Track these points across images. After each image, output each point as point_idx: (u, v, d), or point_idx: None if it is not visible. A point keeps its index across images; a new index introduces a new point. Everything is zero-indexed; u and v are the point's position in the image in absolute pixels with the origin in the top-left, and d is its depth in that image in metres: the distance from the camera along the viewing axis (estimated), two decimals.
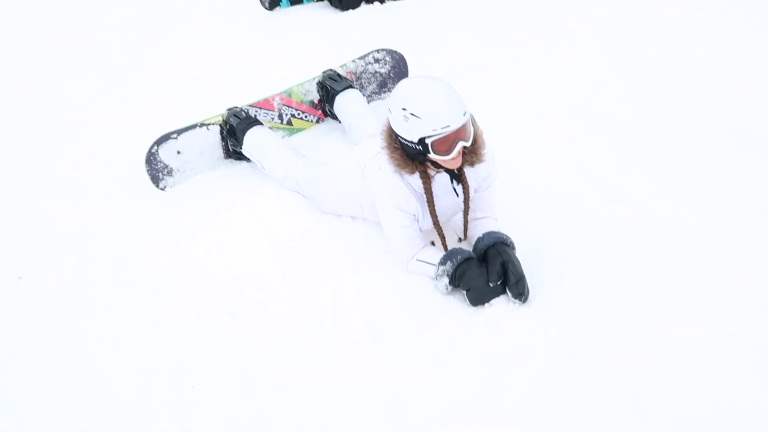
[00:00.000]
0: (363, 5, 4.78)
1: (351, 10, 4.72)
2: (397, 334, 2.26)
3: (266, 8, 4.83)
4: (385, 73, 3.52)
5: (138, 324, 2.35)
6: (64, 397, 2.13)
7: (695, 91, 3.46)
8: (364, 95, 3.40)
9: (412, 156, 2.24)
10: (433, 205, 2.36)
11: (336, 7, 4.78)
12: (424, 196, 2.36)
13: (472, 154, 2.30)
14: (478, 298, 2.32)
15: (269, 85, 3.45)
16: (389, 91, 3.58)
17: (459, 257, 2.33)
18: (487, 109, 3.30)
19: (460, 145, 2.18)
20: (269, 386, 2.12)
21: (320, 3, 4.90)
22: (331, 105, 3.27)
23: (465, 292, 2.34)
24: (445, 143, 2.15)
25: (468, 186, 2.39)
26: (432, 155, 2.19)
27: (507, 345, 2.21)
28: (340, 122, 3.29)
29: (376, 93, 3.54)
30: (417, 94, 2.15)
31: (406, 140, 2.20)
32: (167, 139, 2.95)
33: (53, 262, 2.64)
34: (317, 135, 3.31)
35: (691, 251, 2.52)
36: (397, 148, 2.25)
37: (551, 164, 2.97)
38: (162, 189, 2.98)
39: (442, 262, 2.34)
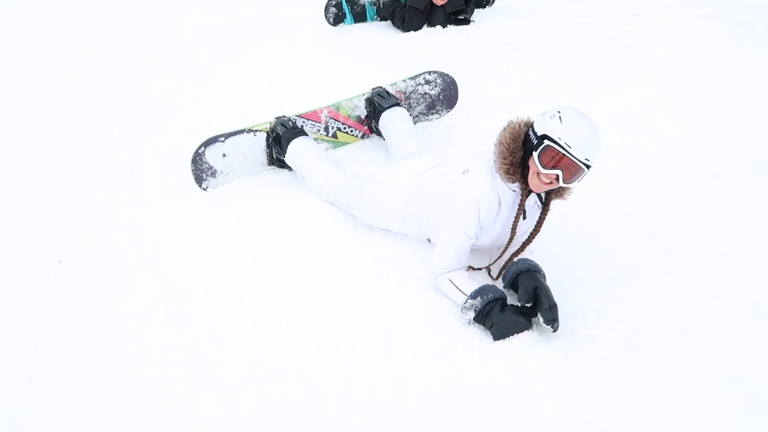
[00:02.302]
0: (425, 28, 4.84)
1: (413, 32, 4.78)
2: (411, 357, 2.23)
3: (330, 24, 4.96)
4: (435, 95, 3.53)
5: (159, 320, 2.40)
6: (79, 385, 2.19)
7: (753, 141, 3.32)
8: (411, 115, 3.42)
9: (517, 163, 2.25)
10: (519, 217, 2.35)
11: (398, 27, 4.85)
12: (506, 209, 2.34)
13: (559, 193, 2.32)
14: (502, 333, 2.26)
15: (321, 97, 3.51)
16: (437, 113, 3.59)
17: (490, 295, 2.29)
18: None
19: (558, 175, 2.15)
20: (278, 393, 2.12)
21: (383, 23, 4.99)
22: (377, 121, 3.30)
23: (489, 327, 2.30)
24: (553, 161, 2.14)
25: (547, 213, 2.36)
26: (535, 157, 2.17)
27: (522, 381, 2.13)
28: (384, 139, 3.31)
29: (423, 114, 3.55)
30: (581, 119, 2.16)
31: (532, 131, 2.20)
32: (214, 142, 3.03)
33: (93, 248, 2.75)
34: (360, 150, 3.34)
35: (729, 307, 2.39)
36: (514, 153, 2.23)
37: (590, 202, 2.88)
38: (204, 189, 3.06)
39: (473, 296, 2.30)
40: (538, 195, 2.34)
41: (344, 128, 3.35)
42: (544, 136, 2.14)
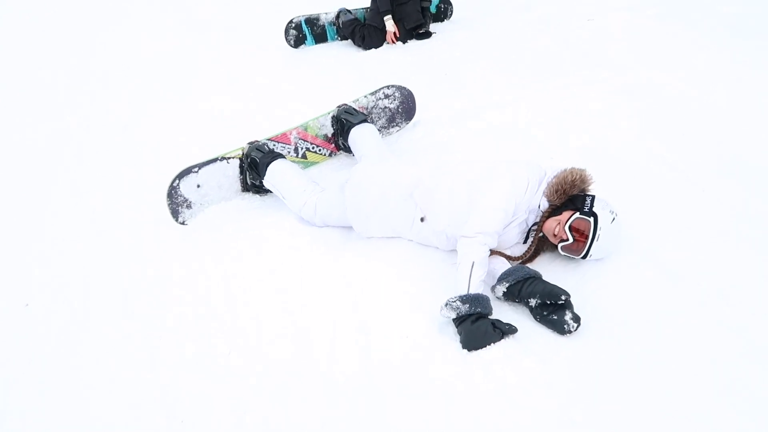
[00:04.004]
0: (385, 45, 4.92)
1: (373, 49, 4.85)
2: (390, 373, 2.23)
3: (291, 46, 5.01)
4: (394, 108, 3.63)
5: (135, 353, 2.39)
6: (57, 424, 2.17)
7: (709, 133, 3.44)
8: None
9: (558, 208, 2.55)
10: (538, 231, 2.57)
11: (359, 46, 4.93)
12: (530, 218, 2.61)
13: (549, 245, 2.63)
14: (469, 343, 2.28)
15: (289, 120, 3.56)
16: (397, 125, 3.69)
17: (478, 309, 2.32)
18: (495, 150, 3.35)
19: (568, 240, 2.47)
20: (257, 423, 2.11)
21: (344, 42, 5.07)
22: (345, 138, 3.35)
23: (459, 334, 2.33)
24: (579, 231, 2.46)
25: (531, 248, 2.59)
26: (575, 215, 2.47)
27: (499, 387, 2.14)
28: (353, 155, 3.36)
29: (385, 128, 3.64)
30: (620, 237, 2.57)
31: (590, 199, 2.52)
32: (188, 173, 3.01)
33: (61, 290, 2.74)
34: (329, 168, 3.39)
35: (699, 299, 2.43)
36: (568, 191, 2.53)
37: None
38: (181, 223, 3.03)
39: (463, 300, 2.34)
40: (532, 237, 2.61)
41: (313, 148, 3.39)
42: (595, 216, 2.45)
